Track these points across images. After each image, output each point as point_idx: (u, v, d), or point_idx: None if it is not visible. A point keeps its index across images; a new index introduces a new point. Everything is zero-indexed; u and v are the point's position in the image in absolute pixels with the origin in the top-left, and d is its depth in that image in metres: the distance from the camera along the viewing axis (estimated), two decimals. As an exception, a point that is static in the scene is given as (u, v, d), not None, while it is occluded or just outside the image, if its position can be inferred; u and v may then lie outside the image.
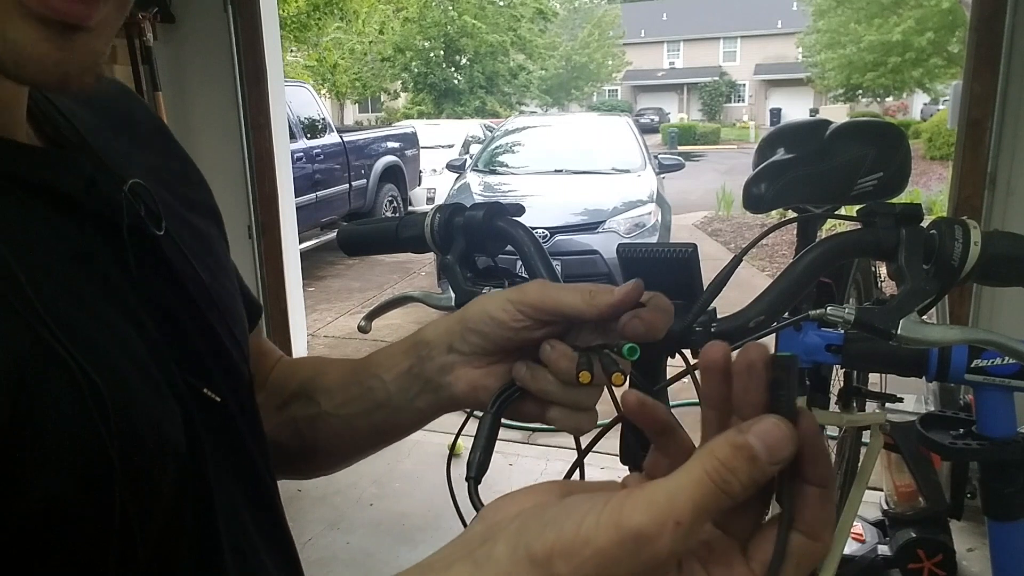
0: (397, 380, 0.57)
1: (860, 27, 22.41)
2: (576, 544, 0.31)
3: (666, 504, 0.30)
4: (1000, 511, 1.16)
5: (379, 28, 20.43)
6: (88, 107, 0.51)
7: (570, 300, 0.48)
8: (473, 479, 0.50)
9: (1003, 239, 0.63)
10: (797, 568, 0.33)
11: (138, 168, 0.49)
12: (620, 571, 0.31)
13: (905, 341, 0.59)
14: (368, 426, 0.60)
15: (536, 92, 32.09)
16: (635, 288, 0.47)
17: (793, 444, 0.31)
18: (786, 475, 0.32)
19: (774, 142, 1.45)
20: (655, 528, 0.30)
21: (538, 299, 0.49)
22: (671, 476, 0.32)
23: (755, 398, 0.32)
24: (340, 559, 2.53)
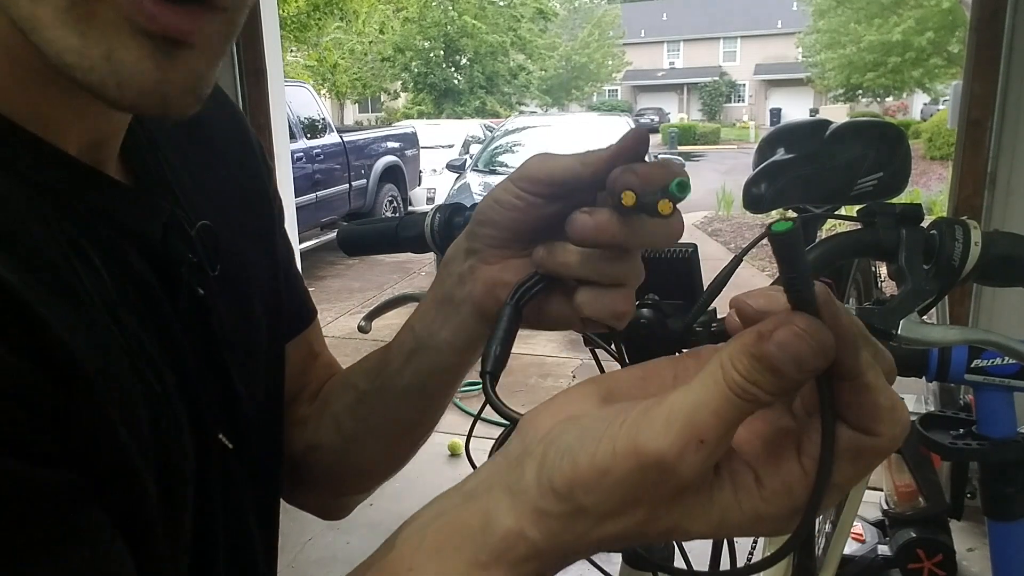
0: (423, 321, 0.52)
1: (860, 27, 22.41)
2: (594, 476, 0.29)
3: (686, 423, 0.28)
4: (1000, 511, 1.16)
5: (379, 28, 20.43)
6: (183, 129, 0.49)
7: (566, 163, 0.42)
8: (489, 374, 0.45)
9: (1003, 239, 0.63)
10: (855, 465, 0.30)
11: (209, 200, 0.49)
12: (648, 497, 0.29)
13: (905, 341, 0.59)
14: (405, 389, 0.54)
15: (536, 92, 32.10)
16: (632, 139, 0.40)
17: (822, 351, 0.27)
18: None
19: (774, 142, 1.45)
20: (676, 452, 0.28)
21: (536, 170, 0.44)
22: (689, 387, 0.29)
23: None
24: (340, 559, 2.53)
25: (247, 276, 0.53)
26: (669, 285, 0.68)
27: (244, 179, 0.57)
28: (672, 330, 0.66)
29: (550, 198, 0.44)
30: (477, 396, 3.46)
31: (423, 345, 0.52)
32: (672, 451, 0.28)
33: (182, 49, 0.35)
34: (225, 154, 0.56)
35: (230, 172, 0.56)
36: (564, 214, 0.42)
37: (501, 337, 0.45)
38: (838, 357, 0.28)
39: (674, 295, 0.68)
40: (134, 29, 0.33)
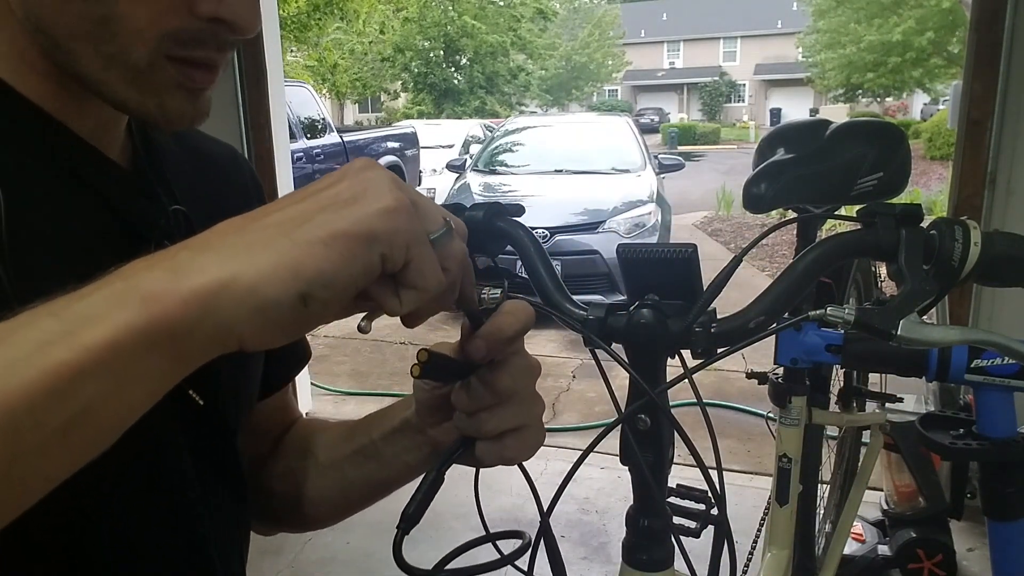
0: (386, 436, 0.63)
1: (860, 27, 22.39)
2: None
3: None
4: (1000, 511, 1.16)
5: (379, 28, 20.44)
6: (192, 155, 0.63)
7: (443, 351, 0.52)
8: (402, 530, 0.51)
9: (1003, 239, 0.63)
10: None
11: (202, 205, 0.58)
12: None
13: (905, 341, 0.59)
14: (360, 478, 0.65)
15: (536, 92, 32.10)
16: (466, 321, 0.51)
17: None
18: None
19: (774, 142, 1.45)
20: None
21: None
22: None
23: None
24: (340, 559, 2.53)
25: None
26: (669, 285, 0.68)
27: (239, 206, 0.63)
28: (672, 330, 0.66)
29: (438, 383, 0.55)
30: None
31: (386, 459, 0.63)
32: None
33: (204, 92, 0.50)
34: (225, 183, 0.66)
35: (228, 201, 0.63)
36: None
37: (420, 500, 0.53)
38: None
39: (674, 295, 0.67)
40: (178, 85, 0.48)
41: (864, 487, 1.75)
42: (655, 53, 45.17)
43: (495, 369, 0.51)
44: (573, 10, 39.86)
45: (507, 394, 0.51)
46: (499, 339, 0.49)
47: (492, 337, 0.49)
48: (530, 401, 0.54)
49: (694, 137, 27.86)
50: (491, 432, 0.52)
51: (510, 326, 0.49)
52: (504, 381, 0.51)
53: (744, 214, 9.72)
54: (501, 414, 0.52)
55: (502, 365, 0.51)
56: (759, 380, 1.60)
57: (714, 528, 0.70)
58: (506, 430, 0.53)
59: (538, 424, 0.55)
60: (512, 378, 0.51)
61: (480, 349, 0.49)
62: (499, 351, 0.50)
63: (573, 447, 3.41)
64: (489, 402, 0.51)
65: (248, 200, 0.67)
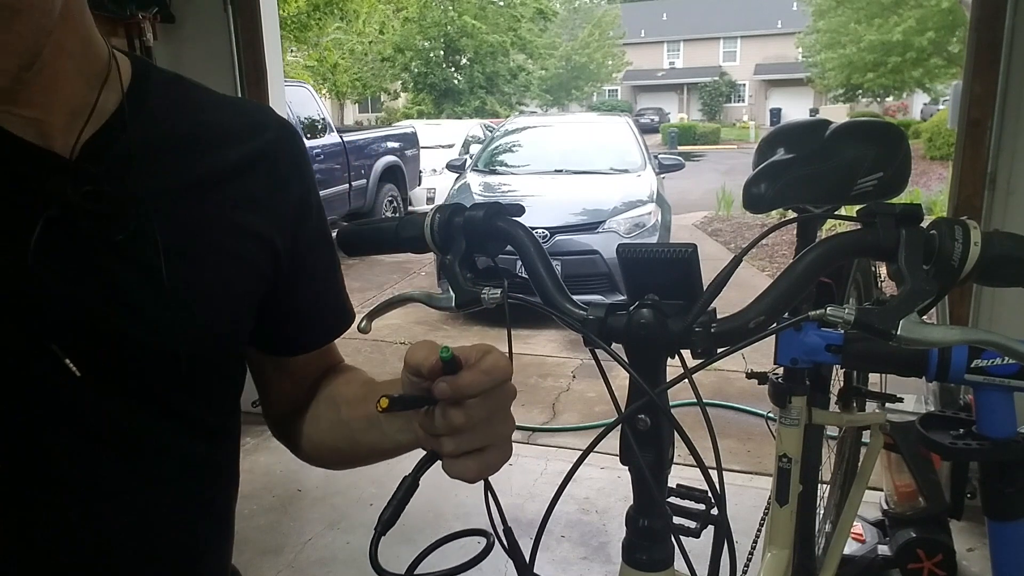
0: (389, 415, 0.66)
1: (860, 27, 22.36)
2: None
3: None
4: (1000, 511, 1.16)
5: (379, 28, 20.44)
6: (196, 127, 0.67)
7: (417, 356, 0.55)
8: (379, 532, 0.56)
9: (1003, 239, 0.63)
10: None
11: (178, 179, 0.64)
12: None
13: (905, 342, 0.59)
14: (366, 442, 0.71)
15: (536, 92, 32.08)
16: (435, 367, 0.54)
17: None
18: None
19: (774, 142, 1.45)
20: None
21: (407, 358, 0.56)
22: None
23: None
24: (340, 559, 2.53)
25: (214, 257, 0.65)
26: (669, 285, 0.68)
27: (239, 178, 0.69)
28: (672, 330, 0.66)
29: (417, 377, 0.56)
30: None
31: (384, 432, 0.68)
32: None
33: None
34: (219, 154, 0.68)
35: (222, 168, 0.68)
36: None
37: (395, 505, 0.57)
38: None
39: (674, 295, 0.67)
40: None
41: (864, 487, 1.75)
42: (655, 53, 45.15)
43: (453, 405, 0.54)
44: (573, 10, 39.84)
45: (461, 428, 0.54)
46: (463, 393, 0.53)
47: (457, 389, 0.53)
48: (495, 425, 0.57)
49: (694, 137, 27.85)
50: (452, 453, 0.56)
51: (478, 385, 0.53)
52: (457, 419, 0.54)
53: (744, 214, 9.72)
54: (459, 439, 0.55)
55: (460, 403, 0.54)
56: (759, 380, 1.60)
57: (714, 528, 0.70)
58: (467, 451, 0.56)
59: (503, 444, 0.58)
60: (467, 416, 0.54)
61: (443, 393, 0.53)
62: (461, 400, 0.54)
63: (573, 447, 3.41)
64: (445, 432, 0.55)
65: (253, 165, 0.69)
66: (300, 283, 0.73)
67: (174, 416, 0.65)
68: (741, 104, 42.41)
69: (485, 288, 0.70)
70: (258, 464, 3.10)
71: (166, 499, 0.65)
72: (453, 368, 0.54)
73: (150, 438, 0.63)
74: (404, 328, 5.33)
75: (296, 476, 3.07)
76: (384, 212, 8.44)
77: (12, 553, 0.58)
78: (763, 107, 40.94)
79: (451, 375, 0.54)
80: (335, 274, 0.79)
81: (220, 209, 0.66)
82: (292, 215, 0.72)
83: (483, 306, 0.70)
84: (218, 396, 0.69)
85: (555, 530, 2.64)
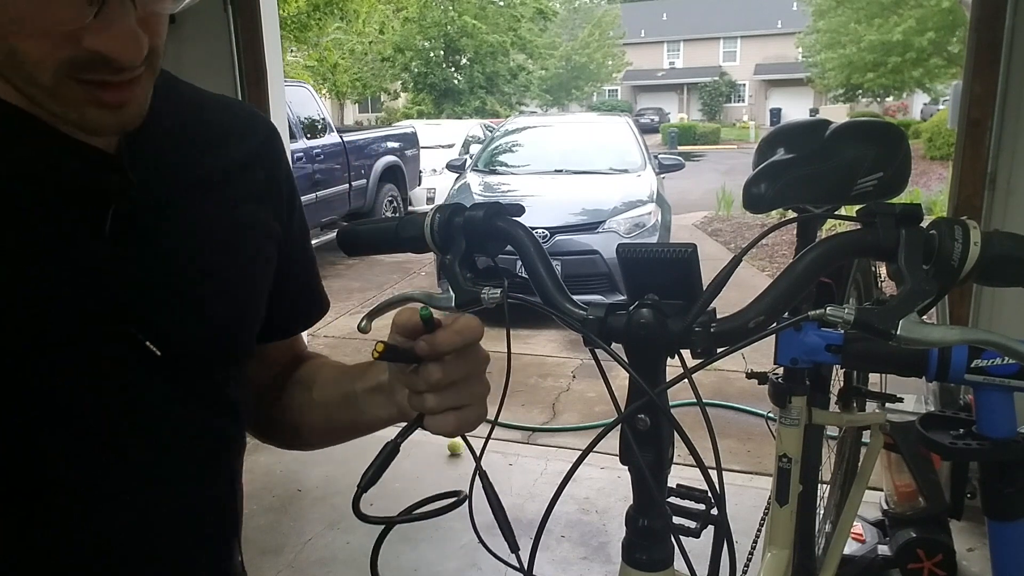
0: (366, 391, 0.73)
1: (860, 27, 22.35)
2: None
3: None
4: (1000, 511, 1.16)
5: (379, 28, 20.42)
6: (191, 126, 0.70)
7: (400, 319, 0.62)
8: (361, 488, 0.62)
9: (1003, 239, 0.63)
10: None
11: (194, 175, 0.67)
12: None
13: (905, 341, 0.59)
14: (343, 419, 0.76)
15: (536, 92, 32.07)
16: (416, 326, 0.62)
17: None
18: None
19: (774, 142, 1.45)
20: None
21: (394, 321, 0.63)
22: None
23: None
24: (340, 559, 2.53)
25: (218, 237, 0.69)
26: (669, 285, 0.68)
27: (242, 172, 0.73)
28: (672, 330, 0.66)
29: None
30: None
31: (362, 409, 0.73)
32: None
33: (125, 106, 0.56)
34: (221, 150, 0.72)
35: (227, 162, 0.71)
36: None
37: (377, 465, 0.63)
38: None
39: (674, 295, 0.67)
40: (94, 102, 0.54)
41: (864, 487, 1.75)
42: (655, 53, 45.14)
43: (434, 363, 0.61)
44: (573, 10, 39.83)
45: (440, 383, 0.61)
46: (438, 349, 0.60)
47: (434, 346, 0.60)
48: (472, 385, 0.63)
49: (694, 137, 27.84)
50: (433, 409, 0.63)
51: (451, 343, 0.60)
52: (436, 374, 0.61)
53: (744, 214, 9.71)
54: (442, 396, 0.62)
55: (441, 361, 0.61)
56: (759, 380, 1.60)
57: (714, 528, 0.70)
58: (447, 408, 0.63)
59: (479, 403, 0.65)
60: (444, 372, 0.61)
61: (423, 350, 0.61)
62: (439, 356, 0.61)
63: (573, 447, 3.41)
64: (425, 388, 0.62)
65: (253, 163, 0.74)
66: (289, 272, 0.79)
67: (219, 399, 0.69)
68: (741, 104, 42.41)
69: (485, 288, 0.70)
70: (258, 464, 3.10)
71: (206, 479, 0.69)
72: (432, 329, 0.61)
73: (198, 419, 0.67)
74: (404, 328, 5.33)
75: (296, 476, 3.07)
76: (384, 212, 8.43)
77: (79, 542, 0.60)
78: (763, 107, 40.93)
79: (430, 335, 0.61)
80: (314, 265, 0.85)
81: (230, 204, 0.70)
82: (285, 208, 0.78)
83: (483, 306, 0.70)
84: (244, 378, 0.74)
85: (555, 530, 2.64)
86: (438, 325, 0.61)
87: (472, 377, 0.63)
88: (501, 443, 3.45)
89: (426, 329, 0.61)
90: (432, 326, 0.61)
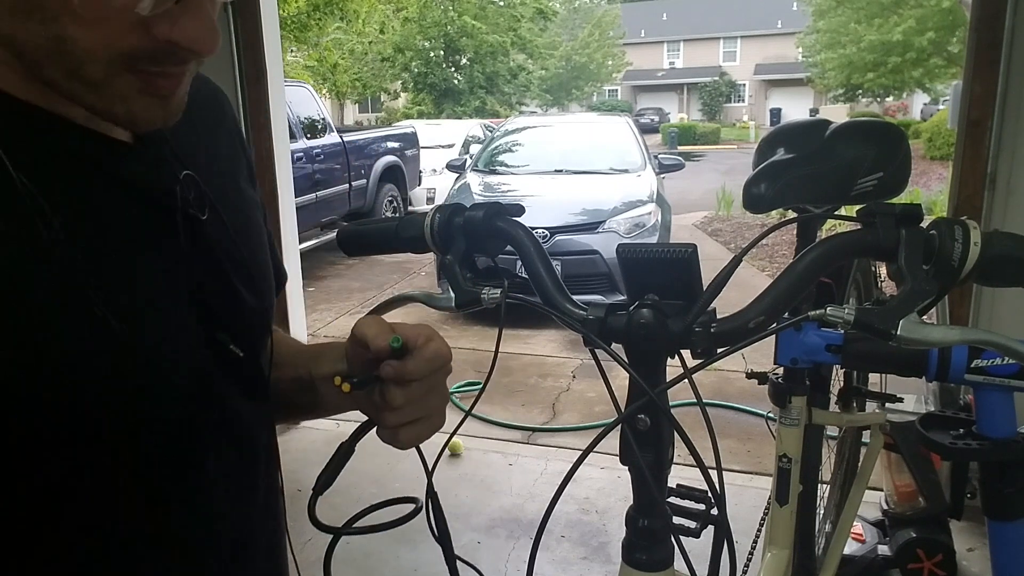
0: (322, 378, 0.71)
1: (860, 27, 22.34)
2: None
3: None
4: (1000, 511, 1.16)
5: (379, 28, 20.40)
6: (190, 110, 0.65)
7: (369, 334, 0.61)
8: (316, 493, 0.63)
9: (1003, 239, 0.63)
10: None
11: (201, 158, 0.63)
12: None
13: (905, 342, 0.59)
14: (300, 401, 0.75)
15: (536, 92, 32.06)
16: (384, 350, 0.61)
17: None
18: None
19: (774, 142, 1.45)
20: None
21: (356, 331, 0.62)
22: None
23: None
24: (340, 559, 2.52)
25: (250, 227, 0.68)
26: (669, 285, 0.68)
27: (240, 157, 0.72)
28: (672, 330, 0.66)
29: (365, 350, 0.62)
30: (472, 395, 3.45)
31: (320, 393, 0.72)
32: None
33: (175, 95, 0.53)
34: (221, 137, 0.70)
35: (228, 153, 0.70)
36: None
37: (332, 468, 0.64)
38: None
39: (674, 295, 0.67)
40: (144, 94, 0.50)
41: (864, 487, 1.74)
42: (655, 53, 45.13)
43: (396, 385, 0.60)
44: (573, 10, 39.82)
45: (400, 407, 0.61)
46: (406, 377, 0.60)
47: (401, 374, 0.60)
48: (431, 399, 0.63)
49: (694, 137, 27.83)
50: (389, 426, 0.62)
51: (419, 372, 0.60)
52: (397, 399, 0.60)
53: (744, 214, 9.71)
54: (398, 414, 0.61)
55: (402, 384, 0.60)
56: (759, 380, 1.60)
57: (714, 528, 0.70)
58: (405, 423, 0.62)
59: (437, 415, 0.64)
60: (406, 396, 0.60)
61: (388, 375, 0.59)
62: (405, 382, 0.60)
63: (573, 447, 3.41)
64: (385, 409, 0.61)
65: (233, 146, 0.72)
66: None
67: (266, 384, 0.68)
68: (741, 104, 42.40)
69: (485, 288, 0.70)
70: (258, 464, 3.09)
71: (269, 482, 0.68)
72: (400, 353, 0.60)
73: (261, 408, 0.66)
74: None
75: (296, 476, 3.07)
76: (384, 212, 8.43)
77: (160, 549, 0.57)
78: (763, 107, 40.92)
79: (397, 359, 0.59)
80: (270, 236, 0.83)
81: (237, 186, 0.69)
82: (254, 174, 0.76)
83: (483, 306, 0.70)
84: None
85: (555, 530, 2.63)
86: (407, 351, 0.60)
87: (432, 391, 0.62)
88: (501, 443, 3.45)
89: (394, 355, 0.59)
90: (401, 353, 0.60)
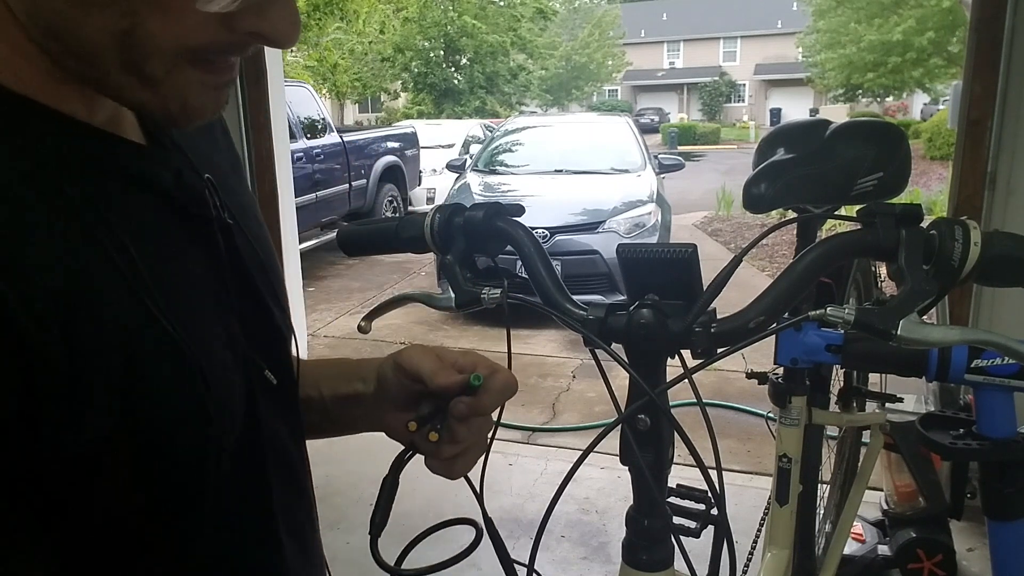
0: (338, 400, 0.69)
1: (860, 27, 22.34)
2: None
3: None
4: (1000, 511, 1.16)
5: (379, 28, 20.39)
6: None
7: (428, 366, 0.62)
8: (373, 536, 0.62)
9: (1003, 239, 0.63)
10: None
11: (209, 163, 0.58)
12: None
13: (905, 342, 0.59)
14: (310, 421, 0.69)
15: (536, 92, 32.07)
16: (462, 382, 0.61)
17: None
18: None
19: (774, 142, 1.45)
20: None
21: (407, 363, 0.63)
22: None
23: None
24: (340, 559, 2.53)
25: (262, 231, 0.65)
26: (669, 285, 0.68)
27: (232, 158, 0.68)
28: (672, 330, 0.66)
29: (414, 382, 0.63)
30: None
31: (374, 404, 0.68)
32: None
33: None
34: (217, 139, 0.66)
35: (223, 156, 0.66)
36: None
37: (383, 506, 0.63)
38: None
39: (674, 295, 0.67)
40: (202, 84, 0.46)
41: (864, 487, 1.74)
42: (655, 53, 45.13)
43: (461, 422, 0.61)
44: (573, 10, 39.81)
45: (462, 440, 0.61)
46: (480, 413, 0.60)
47: (476, 411, 0.60)
48: (483, 428, 0.63)
49: (694, 137, 27.83)
50: (446, 457, 0.62)
51: (493, 407, 0.61)
52: (462, 434, 0.61)
53: (744, 214, 9.71)
54: (457, 446, 0.62)
55: (466, 420, 0.61)
56: (759, 380, 1.60)
57: (714, 528, 0.70)
58: (456, 454, 0.62)
59: (481, 442, 0.64)
60: (469, 431, 0.61)
61: (461, 413, 0.60)
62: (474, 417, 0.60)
63: (573, 447, 3.41)
64: (448, 443, 0.61)
65: (229, 145, 0.68)
66: None
67: (296, 405, 0.65)
68: (741, 104, 42.40)
69: (485, 288, 0.70)
70: (258, 464, 3.09)
71: (307, 477, 0.65)
72: (473, 392, 0.60)
73: (297, 430, 0.63)
74: (404, 328, 5.33)
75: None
76: (384, 212, 8.43)
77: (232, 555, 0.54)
78: (763, 107, 40.92)
79: (468, 396, 0.60)
80: None
81: (246, 193, 0.66)
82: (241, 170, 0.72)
83: (483, 306, 0.70)
84: None
85: (555, 530, 2.63)
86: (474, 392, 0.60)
87: (488, 420, 0.63)
88: (501, 443, 3.45)
89: (468, 392, 0.60)
90: (475, 390, 0.60)
